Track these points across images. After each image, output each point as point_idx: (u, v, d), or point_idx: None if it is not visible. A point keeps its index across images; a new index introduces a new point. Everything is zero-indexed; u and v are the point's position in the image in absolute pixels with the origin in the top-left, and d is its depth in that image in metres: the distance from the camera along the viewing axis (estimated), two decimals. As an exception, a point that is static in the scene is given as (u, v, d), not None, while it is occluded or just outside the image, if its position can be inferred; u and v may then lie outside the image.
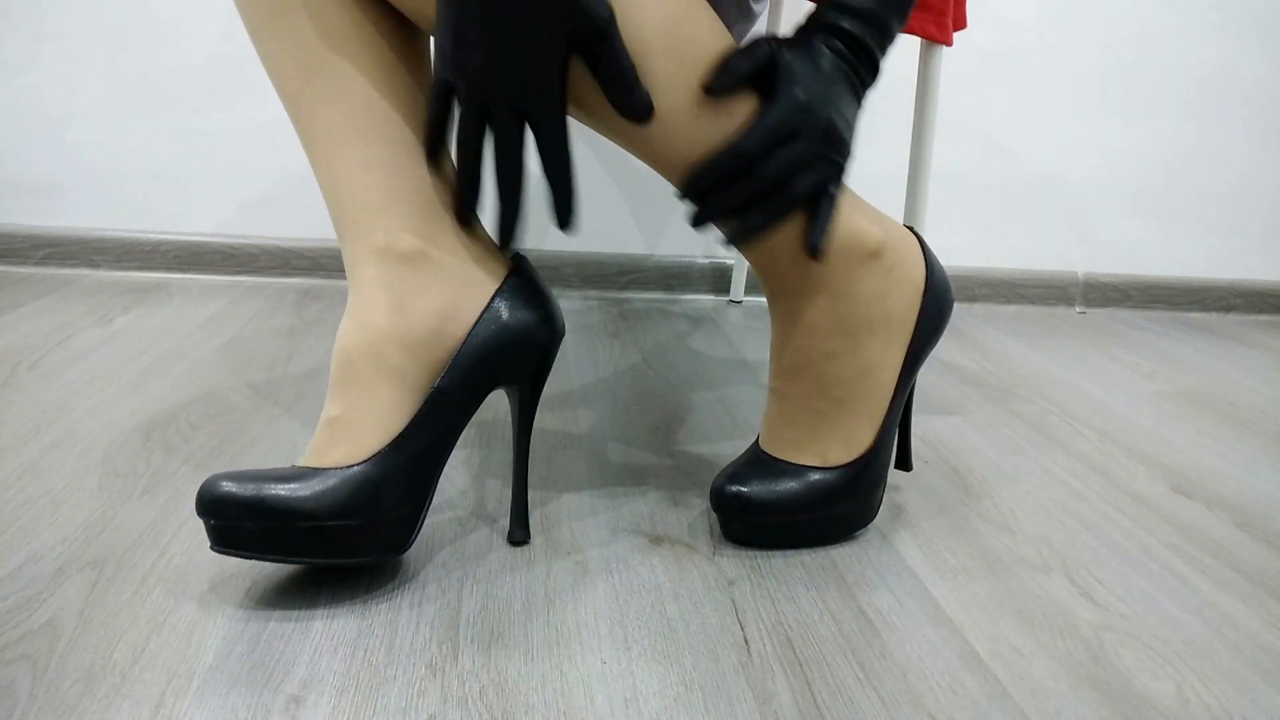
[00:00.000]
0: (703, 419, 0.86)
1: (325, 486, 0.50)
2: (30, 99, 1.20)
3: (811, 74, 0.53)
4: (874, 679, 0.49)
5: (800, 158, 0.53)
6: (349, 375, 0.53)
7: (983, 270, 1.44)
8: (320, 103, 0.54)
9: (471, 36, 0.48)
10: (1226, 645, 0.54)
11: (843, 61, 0.54)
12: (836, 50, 0.54)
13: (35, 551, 0.56)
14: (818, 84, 0.53)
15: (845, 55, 0.54)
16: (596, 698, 0.46)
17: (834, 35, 0.54)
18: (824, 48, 0.54)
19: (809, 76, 0.53)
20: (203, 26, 1.20)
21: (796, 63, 0.53)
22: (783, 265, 0.58)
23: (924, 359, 0.63)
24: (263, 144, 1.25)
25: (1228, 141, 1.46)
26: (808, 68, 0.53)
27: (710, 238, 1.37)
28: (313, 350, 0.98)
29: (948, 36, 0.87)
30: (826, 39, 0.54)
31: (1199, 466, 0.82)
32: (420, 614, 0.52)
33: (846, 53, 0.54)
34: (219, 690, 0.45)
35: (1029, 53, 1.37)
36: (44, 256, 1.23)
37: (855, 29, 0.54)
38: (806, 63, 0.53)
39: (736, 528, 0.62)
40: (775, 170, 0.53)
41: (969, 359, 1.12)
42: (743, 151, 0.53)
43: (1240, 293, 1.51)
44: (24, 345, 0.93)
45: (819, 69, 0.53)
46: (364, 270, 0.54)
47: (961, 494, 0.73)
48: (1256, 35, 1.41)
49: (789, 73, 0.53)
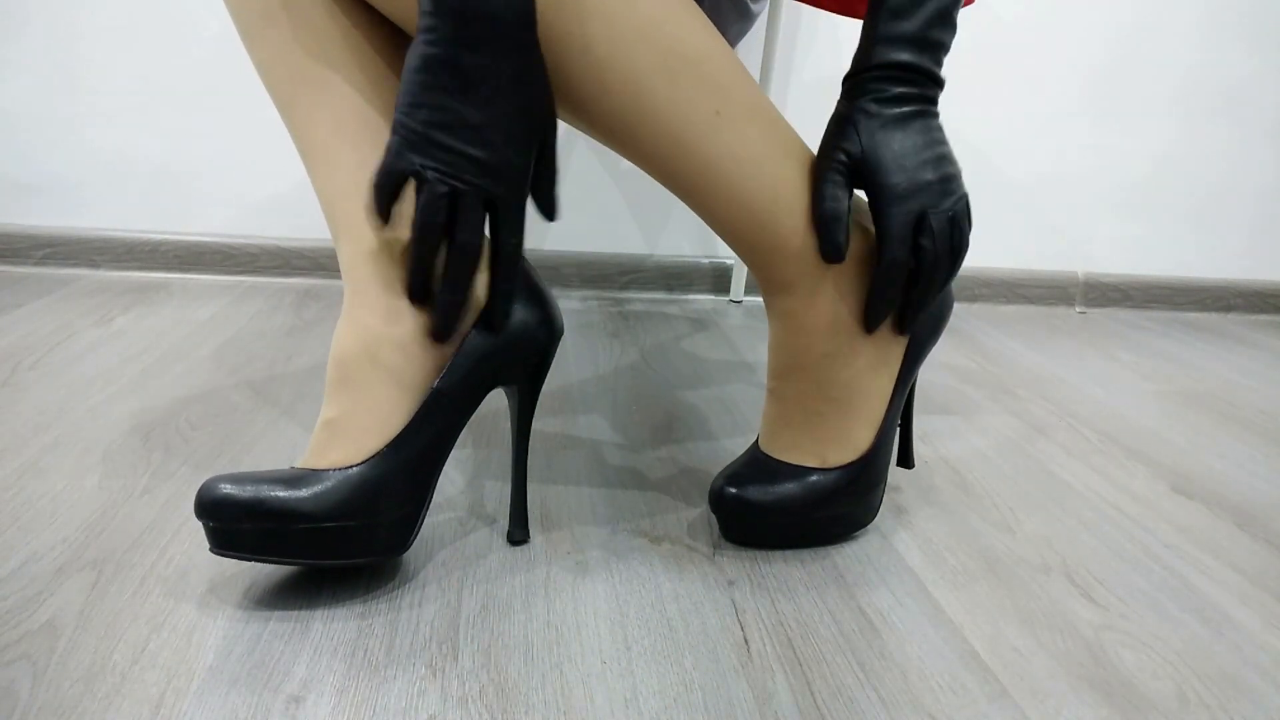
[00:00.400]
0: (703, 419, 0.86)
1: (324, 488, 0.50)
2: (31, 99, 1.20)
3: (890, 145, 0.53)
4: (874, 679, 0.49)
5: (940, 227, 0.54)
6: (346, 377, 0.53)
7: (983, 270, 1.44)
8: (313, 108, 0.54)
9: (466, 130, 0.47)
10: (1226, 645, 0.54)
11: (908, 101, 0.54)
12: (899, 95, 0.53)
13: (35, 551, 0.56)
14: (903, 150, 0.53)
15: (909, 92, 0.54)
16: (596, 698, 0.46)
17: (889, 72, 0.53)
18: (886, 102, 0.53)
19: (891, 151, 0.53)
20: (203, 27, 1.20)
21: (873, 146, 0.53)
22: (781, 267, 0.58)
23: (923, 359, 0.63)
24: (263, 144, 1.25)
25: (1227, 141, 1.46)
26: (884, 142, 0.53)
27: (710, 238, 1.37)
28: (312, 350, 0.98)
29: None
30: (883, 87, 0.53)
31: (1199, 466, 0.82)
32: (420, 614, 0.52)
33: (909, 88, 0.54)
34: (219, 690, 0.45)
35: (1028, 52, 1.37)
36: (44, 256, 1.23)
37: (911, 58, 0.53)
38: (880, 137, 0.53)
39: (736, 529, 0.62)
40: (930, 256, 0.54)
41: (969, 359, 1.12)
42: (895, 263, 0.55)
43: (1240, 293, 1.51)
44: (24, 345, 0.93)
45: (893, 133, 0.53)
46: (359, 272, 0.54)
47: (961, 494, 0.73)
48: (1256, 35, 1.41)
49: (876, 162, 0.53)
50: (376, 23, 0.55)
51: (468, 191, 0.48)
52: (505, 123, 0.48)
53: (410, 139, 0.47)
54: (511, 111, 0.48)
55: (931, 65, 0.54)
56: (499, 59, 0.47)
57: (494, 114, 0.48)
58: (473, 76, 0.47)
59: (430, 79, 0.47)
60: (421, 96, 0.47)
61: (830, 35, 1.31)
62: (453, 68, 0.46)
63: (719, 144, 0.54)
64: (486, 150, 0.48)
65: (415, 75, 0.47)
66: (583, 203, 1.33)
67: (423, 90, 0.47)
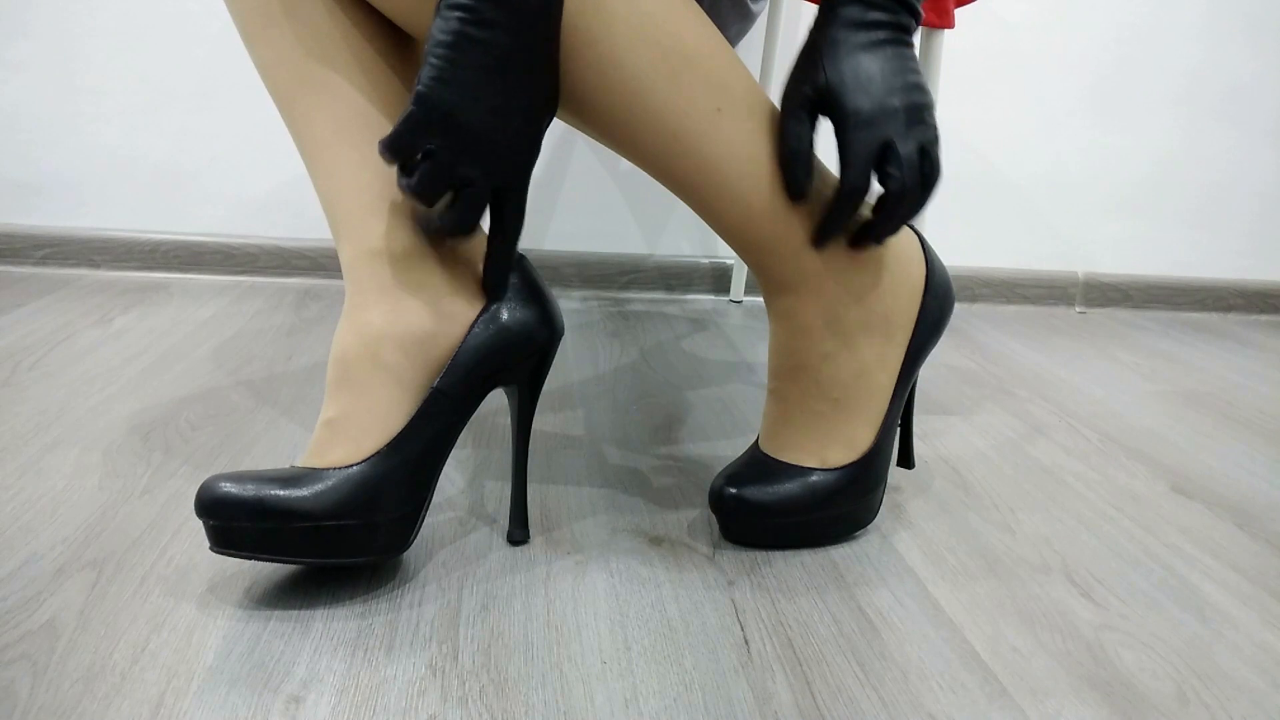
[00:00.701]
0: (702, 419, 0.86)
1: (324, 487, 0.50)
2: (31, 99, 1.20)
3: (857, 71, 0.52)
4: (874, 679, 0.49)
5: (908, 155, 0.52)
6: (346, 376, 0.53)
7: (983, 270, 1.44)
8: (313, 108, 0.54)
9: (488, 114, 0.47)
10: (1226, 645, 0.54)
11: (879, 27, 0.52)
12: (870, 22, 0.52)
13: (35, 551, 0.56)
14: (869, 75, 0.52)
15: (880, 18, 0.52)
16: (596, 698, 0.46)
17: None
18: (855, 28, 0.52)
19: (857, 77, 0.52)
20: (203, 26, 1.20)
21: (839, 68, 0.52)
22: (781, 265, 0.58)
23: (924, 359, 0.63)
24: (263, 144, 1.25)
25: (1228, 141, 1.46)
26: (850, 69, 0.52)
27: (710, 238, 1.37)
28: (312, 350, 0.98)
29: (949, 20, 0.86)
30: (854, 13, 0.52)
31: (1199, 466, 0.82)
32: (420, 614, 0.52)
33: (882, 13, 0.52)
34: (219, 690, 0.45)
35: (1028, 52, 1.37)
36: (44, 256, 1.23)
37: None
38: (847, 64, 0.52)
39: (736, 529, 0.62)
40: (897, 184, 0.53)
41: (969, 359, 1.12)
42: (854, 190, 0.53)
43: (1240, 293, 1.51)
44: (24, 345, 0.93)
45: (861, 58, 0.52)
46: (360, 271, 0.54)
47: (961, 494, 0.73)
48: (1257, 35, 1.41)
49: (840, 87, 0.52)
50: (377, 23, 0.55)
51: (476, 178, 0.49)
52: (524, 107, 0.48)
53: (430, 116, 0.46)
54: (531, 97, 0.48)
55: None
56: (529, 43, 0.47)
57: (516, 98, 0.48)
58: (504, 59, 0.46)
59: (461, 56, 0.46)
60: (450, 72, 0.46)
61: (830, 35, 1.31)
62: (485, 47, 0.46)
63: (719, 142, 0.54)
64: (504, 135, 0.48)
65: (446, 50, 0.46)
66: (583, 203, 1.33)
67: (452, 67, 0.46)
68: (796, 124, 0.54)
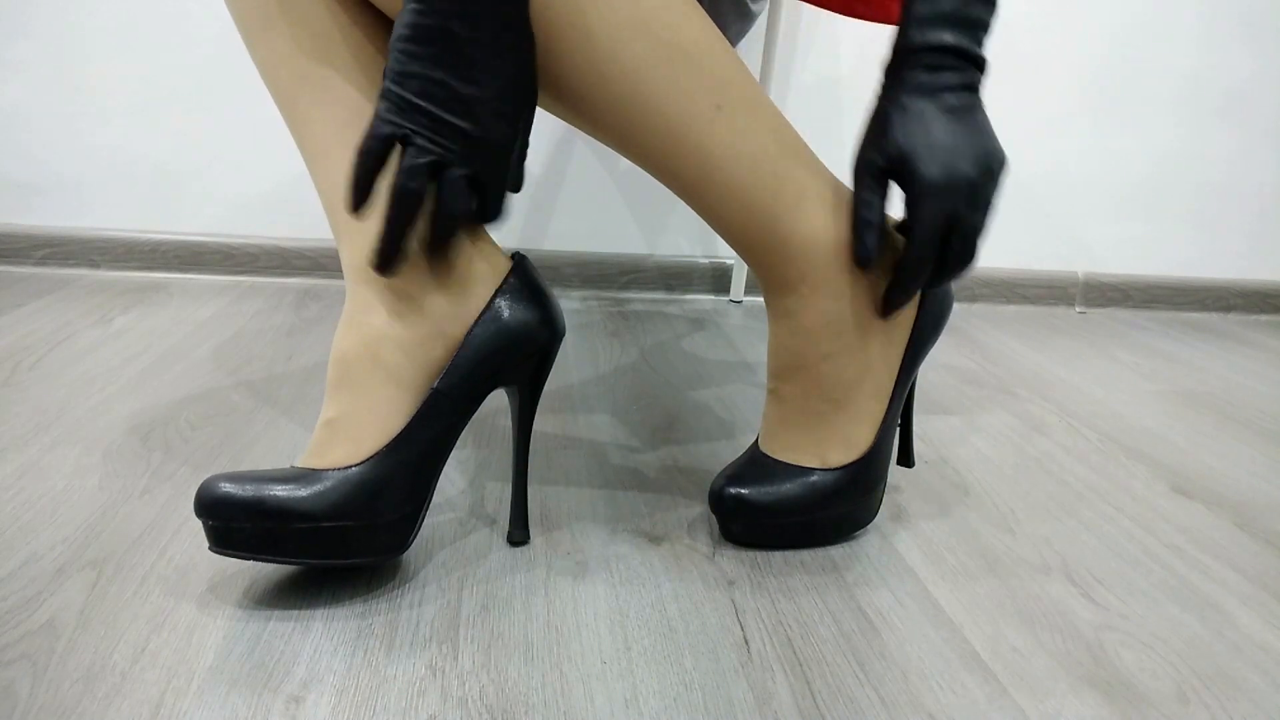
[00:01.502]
0: (703, 419, 0.85)
1: (324, 487, 0.50)
2: (31, 99, 1.20)
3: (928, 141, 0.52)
4: (874, 679, 0.49)
5: (966, 229, 0.53)
6: (346, 376, 0.53)
7: (983, 270, 1.44)
8: (314, 108, 0.54)
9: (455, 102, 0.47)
10: (1226, 645, 0.54)
11: (951, 90, 0.52)
12: (940, 84, 0.52)
13: (35, 551, 0.56)
14: (941, 144, 0.52)
15: (948, 80, 0.52)
16: (596, 698, 0.46)
17: (926, 58, 0.52)
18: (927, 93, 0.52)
19: (928, 146, 0.52)
20: (203, 26, 1.20)
21: (911, 136, 0.52)
22: (781, 265, 0.58)
23: (923, 359, 0.63)
24: (263, 144, 1.25)
25: (1228, 141, 1.46)
26: (921, 138, 0.52)
27: (710, 237, 1.37)
28: (312, 350, 0.98)
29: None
30: (920, 78, 0.52)
31: (1199, 466, 0.82)
32: (420, 614, 0.52)
33: (949, 75, 0.52)
34: (219, 690, 0.45)
35: (1028, 53, 1.37)
36: (44, 256, 1.23)
37: (950, 39, 0.52)
38: (918, 134, 0.52)
39: (736, 529, 0.62)
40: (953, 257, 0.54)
41: (969, 359, 1.12)
42: (922, 260, 0.54)
43: (1240, 293, 1.51)
44: (24, 345, 0.93)
45: (931, 126, 0.52)
46: (360, 272, 0.54)
47: (961, 494, 0.73)
48: (1257, 36, 1.41)
49: (913, 156, 0.52)
50: (377, 22, 0.55)
51: (454, 163, 0.48)
52: (494, 97, 0.48)
53: (399, 104, 0.47)
54: (500, 86, 0.48)
55: (971, 45, 0.52)
56: (491, 31, 0.47)
57: (483, 87, 0.47)
58: (465, 48, 0.46)
59: (420, 49, 0.46)
60: (411, 65, 0.46)
61: (830, 35, 1.31)
62: (445, 37, 0.46)
63: (719, 139, 0.54)
64: (474, 124, 0.48)
65: (405, 44, 0.46)
66: (583, 203, 1.33)
67: (412, 59, 0.46)
68: (869, 194, 0.55)
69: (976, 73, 0.54)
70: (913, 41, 0.53)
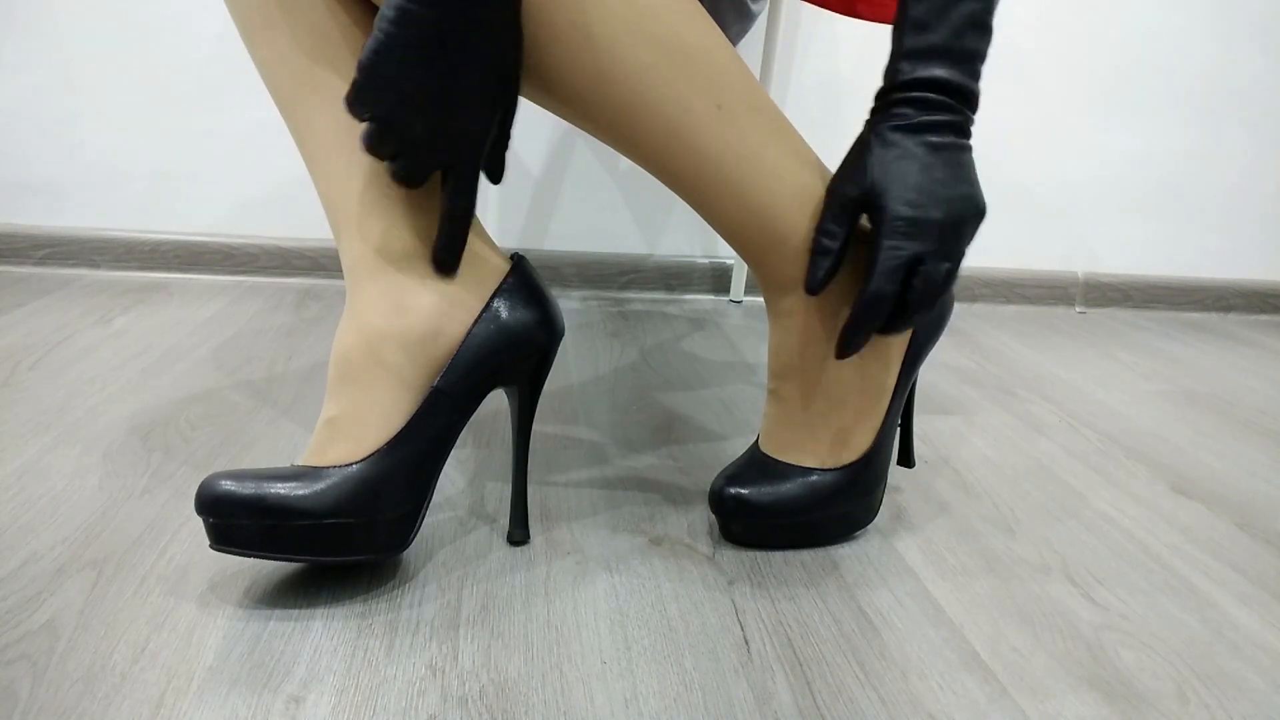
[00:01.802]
0: (703, 419, 0.85)
1: (324, 485, 0.50)
2: (30, 99, 1.20)
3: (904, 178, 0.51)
4: (874, 679, 0.49)
5: (931, 274, 0.52)
6: (347, 375, 0.53)
7: (983, 270, 1.44)
8: (314, 108, 0.54)
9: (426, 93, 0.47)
10: (1226, 645, 0.54)
11: (937, 130, 0.51)
12: (927, 123, 0.51)
13: (35, 551, 0.56)
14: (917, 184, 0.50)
15: (935, 119, 0.51)
16: (596, 698, 0.46)
17: (915, 93, 0.51)
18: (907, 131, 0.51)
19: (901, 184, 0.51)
20: (202, 26, 1.20)
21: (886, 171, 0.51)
22: (781, 266, 0.58)
23: (923, 359, 0.63)
24: (263, 144, 1.25)
25: (1227, 142, 1.46)
26: (896, 175, 0.51)
27: (710, 238, 1.37)
28: (313, 350, 0.98)
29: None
30: (906, 113, 0.51)
31: (1199, 466, 0.82)
32: (420, 614, 0.52)
33: (936, 114, 0.51)
34: (219, 690, 0.45)
35: (1029, 53, 1.37)
36: (44, 256, 1.23)
37: (940, 73, 0.50)
38: (894, 169, 0.51)
39: (736, 529, 0.62)
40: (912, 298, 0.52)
41: (969, 359, 1.12)
42: (877, 298, 0.52)
43: (1240, 293, 1.51)
44: (24, 345, 0.93)
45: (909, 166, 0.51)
46: (361, 271, 0.54)
47: (961, 494, 0.73)
48: (1255, 36, 1.41)
49: (884, 193, 0.51)
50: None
51: (420, 145, 0.48)
52: (469, 88, 0.48)
53: (372, 84, 0.47)
54: (478, 78, 0.48)
55: (964, 79, 0.51)
56: (477, 23, 0.46)
57: (459, 79, 0.47)
58: (447, 37, 0.46)
59: (401, 33, 0.46)
60: (388, 48, 0.46)
61: (830, 35, 1.31)
62: (428, 25, 0.46)
63: (719, 139, 0.54)
64: (444, 117, 0.48)
65: (388, 25, 0.46)
66: (583, 203, 1.33)
67: (390, 43, 0.46)
68: (833, 224, 0.54)
69: (968, 112, 0.52)
70: (902, 76, 0.51)
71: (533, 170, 1.31)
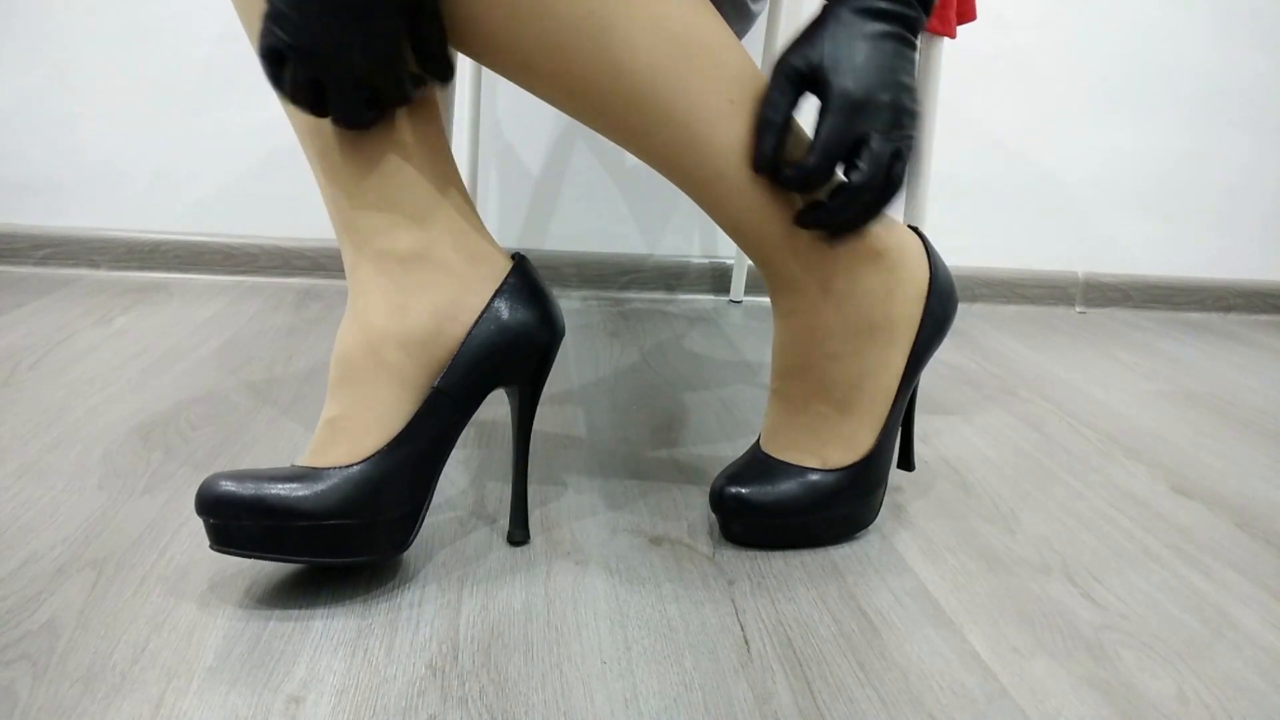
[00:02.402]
0: (703, 419, 0.85)
1: (325, 486, 0.50)
2: (30, 99, 1.20)
3: (854, 56, 0.51)
4: (874, 679, 0.49)
5: (876, 153, 0.51)
6: (348, 375, 0.53)
7: (983, 270, 1.44)
8: None
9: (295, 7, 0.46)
10: (1226, 645, 0.54)
11: (887, 19, 0.52)
12: (878, 10, 0.51)
13: (35, 551, 0.56)
14: (865, 64, 0.51)
15: (889, 8, 0.51)
16: (596, 698, 0.46)
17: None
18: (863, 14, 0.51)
19: (852, 61, 0.51)
20: (202, 26, 1.20)
21: (836, 49, 0.51)
22: (787, 264, 0.58)
23: (927, 360, 0.63)
24: (263, 144, 1.25)
25: (1227, 141, 1.46)
26: (848, 53, 0.51)
27: (710, 238, 1.37)
28: (313, 350, 0.98)
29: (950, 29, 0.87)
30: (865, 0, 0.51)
31: (1199, 466, 0.82)
32: (420, 614, 0.52)
33: (892, 4, 0.51)
34: (219, 690, 0.45)
35: (1030, 52, 1.37)
36: (44, 256, 1.23)
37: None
38: (846, 48, 0.51)
39: (736, 529, 0.61)
40: (860, 179, 0.52)
41: (969, 359, 1.12)
42: (815, 169, 0.52)
43: (1240, 292, 1.51)
44: (24, 345, 0.93)
45: (860, 45, 0.51)
46: (363, 271, 0.54)
47: (961, 494, 0.73)
48: (1255, 35, 1.41)
49: (833, 68, 0.51)
50: None
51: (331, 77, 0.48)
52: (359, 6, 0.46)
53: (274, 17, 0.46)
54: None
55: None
56: None
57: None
58: None
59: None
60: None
61: (830, 35, 1.31)
62: None
63: (730, 134, 0.54)
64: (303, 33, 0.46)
65: None
66: (583, 203, 1.33)
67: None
68: (779, 94, 0.53)
69: (919, 15, 0.53)
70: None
71: (533, 170, 1.31)
